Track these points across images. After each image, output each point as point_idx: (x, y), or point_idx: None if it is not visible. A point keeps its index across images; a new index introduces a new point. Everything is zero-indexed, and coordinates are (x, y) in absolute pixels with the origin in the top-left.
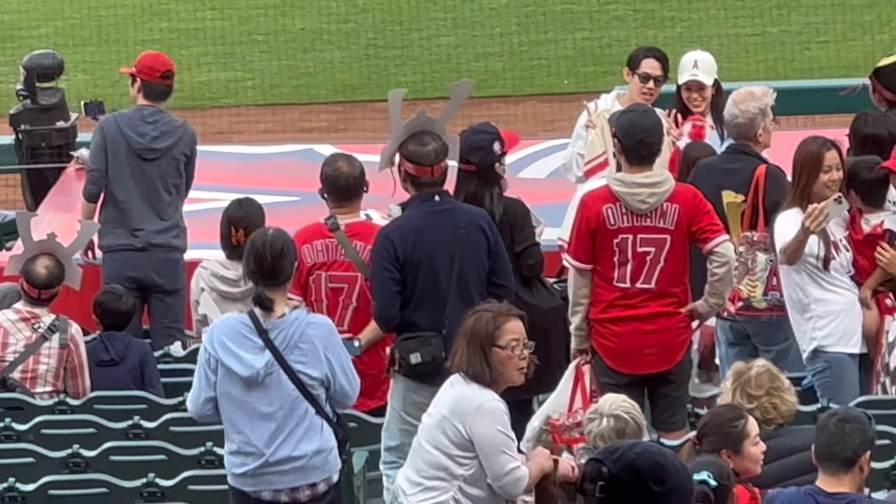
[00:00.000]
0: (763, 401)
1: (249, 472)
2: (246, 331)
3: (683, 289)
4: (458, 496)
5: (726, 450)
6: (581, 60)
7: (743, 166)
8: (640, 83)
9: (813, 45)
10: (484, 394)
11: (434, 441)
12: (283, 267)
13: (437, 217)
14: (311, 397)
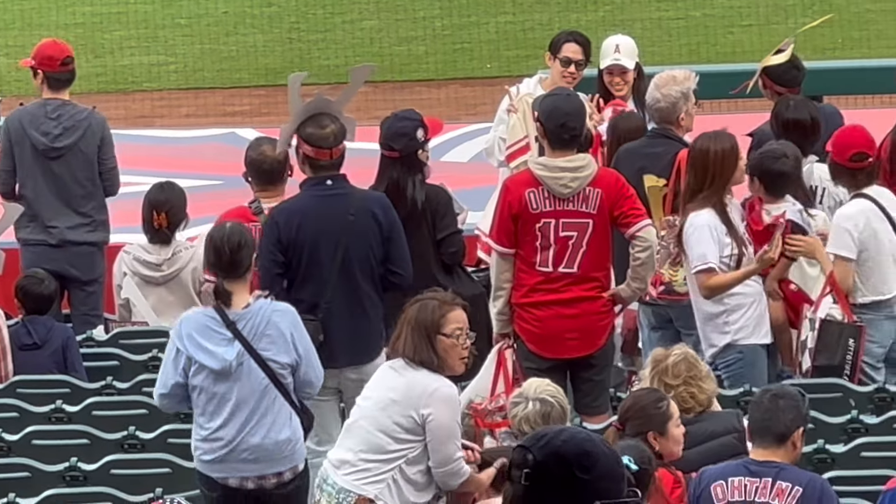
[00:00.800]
0: (680, 390)
1: (217, 458)
2: (213, 324)
3: (606, 273)
4: (396, 477)
5: (652, 432)
6: (504, 44)
7: (665, 150)
8: (562, 67)
9: (736, 28)
10: (438, 379)
11: (378, 424)
12: (241, 259)
13: (326, 201)
14: (280, 385)
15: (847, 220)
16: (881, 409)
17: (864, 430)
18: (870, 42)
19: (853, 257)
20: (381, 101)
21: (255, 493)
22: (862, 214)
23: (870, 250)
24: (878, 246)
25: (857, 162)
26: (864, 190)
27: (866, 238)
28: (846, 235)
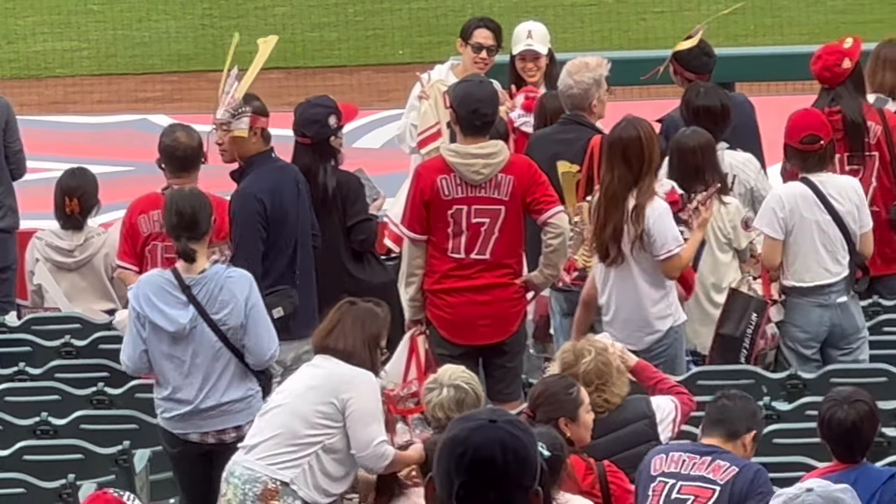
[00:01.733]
0: (593, 397)
1: (178, 416)
2: (169, 287)
3: (518, 260)
4: (312, 463)
5: (564, 418)
6: (416, 30)
7: (577, 136)
8: (473, 53)
9: (649, 14)
10: (361, 369)
11: (295, 410)
12: (203, 218)
13: (283, 173)
14: (234, 348)
15: (775, 200)
16: (793, 395)
17: (776, 417)
18: (782, 29)
19: (776, 237)
20: (293, 87)
21: (216, 447)
22: (791, 197)
23: (794, 234)
24: (803, 232)
25: (807, 145)
26: (812, 175)
27: (791, 222)
28: (771, 214)
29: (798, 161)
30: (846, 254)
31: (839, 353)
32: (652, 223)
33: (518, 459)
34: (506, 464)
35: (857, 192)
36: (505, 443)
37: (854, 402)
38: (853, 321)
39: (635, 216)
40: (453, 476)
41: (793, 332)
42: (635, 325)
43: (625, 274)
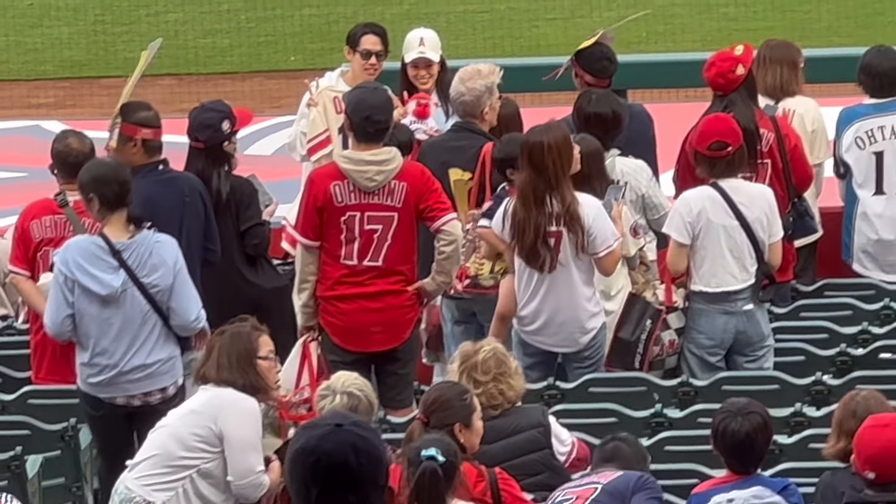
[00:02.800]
0: (489, 386)
1: (104, 381)
2: (100, 252)
3: (411, 267)
4: (186, 487)
5: (459, 424)
6: (308, 37)
7: (469, 144)
8: (362, 60)
9: (541, 21)
10: (241, 394)
11: (174, 432)
12: (125, 192)
13: (165, 186)
14: (160, 312)
15: (683, 205)
16: (685, 402)
17: (667, 425)
18: (674, 36)
19: (683, 241)
20: (185, 93)
21: (141, 409)
22: (699, 202)
23: (701, 239)
24: (710, 237)
25: (715, 151)
26: (721, 181)
27: (699, 227)
28: (678, 218)
29: (706, 167)
30: (754, 261)
31: (744, 361)
32: (592, 221)
33: (371, 460)
34: (360, 466)
35: (769, 201)
36: (356, 445)
37: (748, 413)
38: (759, 329)
39: (569, 219)
40: (310, 485)
41: (698, 339)
42: (572, 326)
43: (562, 277)
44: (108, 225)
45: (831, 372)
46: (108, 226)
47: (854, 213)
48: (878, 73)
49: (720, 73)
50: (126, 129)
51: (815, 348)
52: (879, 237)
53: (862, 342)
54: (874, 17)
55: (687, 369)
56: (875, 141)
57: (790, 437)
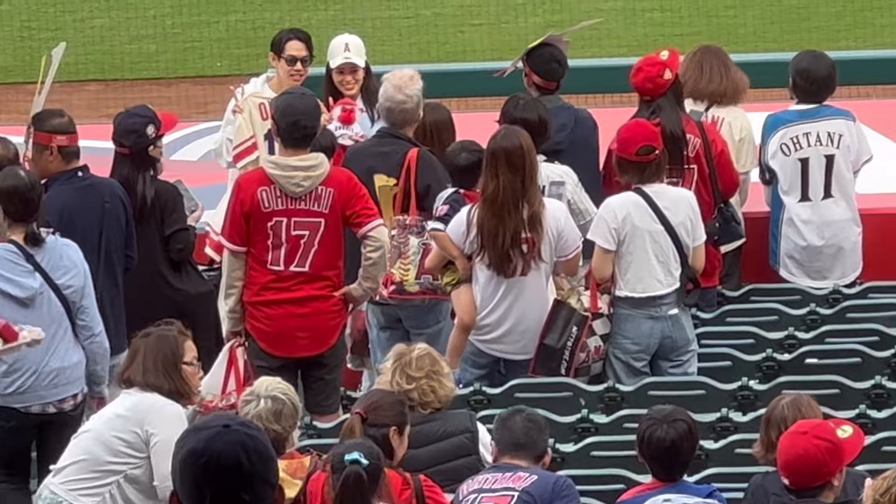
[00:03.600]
0: (422, 383)
1: (20, 389)
2: (14, 257)
3: (337, 272)
4: (113, 492)
5: (396, 427)
6: (234, 42)
7: (394, 150)
8: (288, 66)
9: (466, 27)
10: (167, 399)
11: (100, 437)
12: (34, 199)
13: (84, 192)
14: (70, 315)
15: (607, 211)
16: (611, 408)
17: (593, 430)
18: (601, 41)
19: (609, 247)
20: (111, 99)
21: (54, 416)
22: (623, 207)
23: (626, 244)
24: (635, 242)
25: (643, 156)
26: (646, 186)
27: (624, 232)
28: (603, 225)
29: (635, 173)
30: (678, 266)
31: (670, 366)
32: (563, 223)
33: (262, 458)
34: (252, 464)
35: (692, 205)
36: (246, 445)
37: (673, 420)
38: (684, 333)
39: (534, 224)
40: (203, 487)
41: (623, 344)
42: (534, 332)
43: (530, 283)
44: (15, 234)
45: (757, 377)
46: (15, 235)
47: (780, 220)
48: (814, 79)
49: (648, 77)
50: (39, 138)
51: (742, 353)
52: (806, 243)
53: (788, 347)
54: (799, 23)
55: (613, 375)
56: (800, 148)
57: (716, 443)
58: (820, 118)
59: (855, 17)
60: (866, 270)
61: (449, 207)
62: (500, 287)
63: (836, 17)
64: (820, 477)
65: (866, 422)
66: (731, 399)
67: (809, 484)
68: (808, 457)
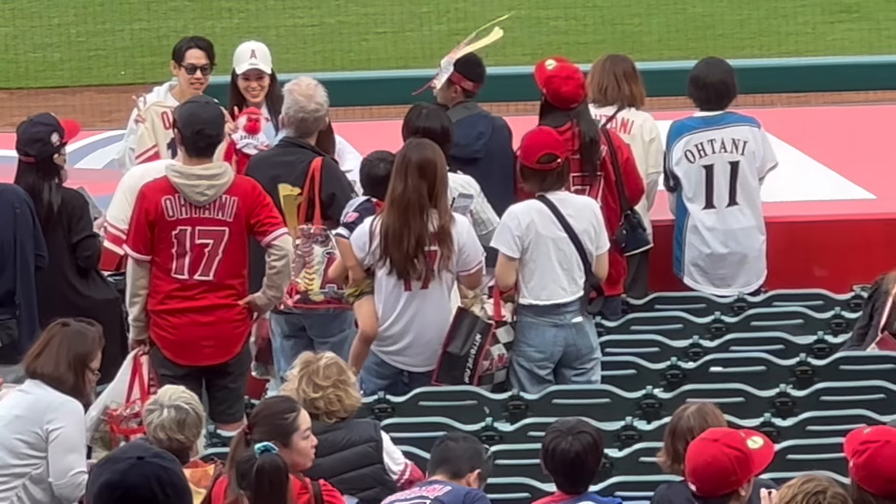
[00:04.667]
0: (329, 392)
1: None
2: None
3: (242, 281)
4: (21, 495)
5: (276, 441)
6: (138, 51)
7: (298, 159)
8: (188, 74)
9: (371, 35)
10: (66, 396)
11: (2, 440)
12: None
13: None
14: None
15: (511, 218)
16: (516, 416)
17: (498, 438)
18: (504, 49)
19: (512, 255)
20: (16, 107)
21: None
22: (527, 215)
23: (530, 252)
24: (539, 249)
25: (546, 164)
26: (549, 193)
27: (528, 240)
28: (507, 232)
29: (537, 181)
30: (582, 273)
31: (573, 374)
32: (466, 239)
33: (177, 491)
34: (167, 497)
35: (595, 213)
36: (161, 477)
37: (578, 433)
38: (588, 341)
39: (443, 237)
40: None
41: (527, 352)
42: (436, 345)
43: (432, 296)
44: None
45: (662, 385)
46: None
47: (685, 227)
48: (707, 86)
49: (580, 84)
50: None
51: (646, 362)
52: (710, 251)
53: (693, 356)
54: (704, 31)
55: (517, 383)
56: (705, 154)
57: (621, 451)
58: (724, 125)
59: (760, 25)
60: (771, 278)
61: (358, 216)
62: (402, 299)
63: (741, 26)
64: (728, 485)
65: (771, 430)
66: (636, 407)
67: (717, 491)
68: (717, 464)
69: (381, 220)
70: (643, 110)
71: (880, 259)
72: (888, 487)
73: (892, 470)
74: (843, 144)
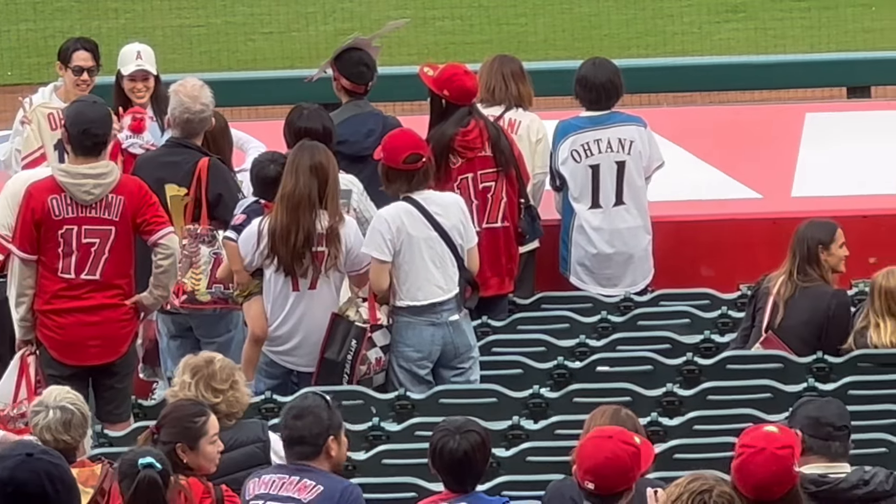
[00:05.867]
0: (228, 395)
1: None
2: None
3: (129, 280)
4: None
5: (182, 444)
6: (24, 52)
7: (184, 159)
8: (74, 76)
9: (257, 35)
10: None
11: None
12: None
13: None
14: None
15: (380, 222)
16: (402, 416)
17: (385, 438)
18: (391, 50)
19: (384, 259)
20: None
21: None
22: (396, 218)
23: (403, 254)
24: (411, 250)
25: (412, 164)
26: (415, 193)
27: (399, 242)
28: (377, 237)
29: (403, 181)
30: (456, 270)
31: (452, 374)
32: (353, 240)
33: (65, 487)
34: (56, 493)
35: (462, 208)
36: (51, 473)
37: (466, 431)
38: (465, 339)
39: (332, 237)
40: None
41: (406, 353)
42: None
43: (319, 297)
44: None
45: (549, 385)
46: None
47: (571, 227)
48: (593, 86)
49: (476, 83)
50: None
51: (533, 361)
52: (597, 251)
53: (579, 355)
54: (590, 31)
55: (397, 384)
56: (591, 154)
57: (508, 450)
58: (610, 124)
59: (646, 24)
60: (657, 278)
61: (245, 217)
62: (289, 300)
63: (627, 25)
64: (626, 481)
65: (658, 429)
66: (523, 407)
67: (615, 488)
68: (617, 460)
69: (269, 218)
70: (530, 111)
71: (766, 258)
72: (757, 494)
73: (761, 478)
74: (730, 144)
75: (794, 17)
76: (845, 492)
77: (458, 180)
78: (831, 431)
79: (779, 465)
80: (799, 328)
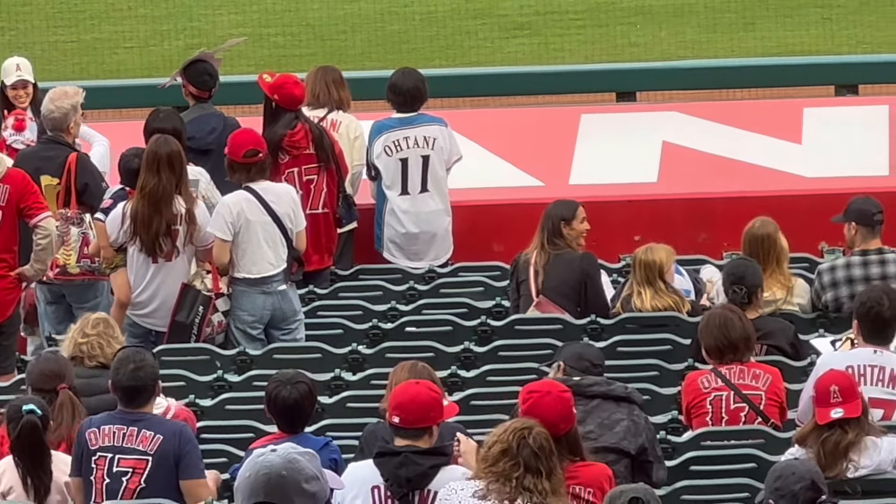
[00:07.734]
0: (93, 339)
1: None
2: None
3: (13, 255)
4: None
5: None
6: None
7: (57, 154)
8: None
9: (120, 49)
10: None
11: None
12: None
13: None
14: None
15: (223, 207)
16: (242, 369)
17: (227, 387)
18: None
19: (226, 238)
20: None
21: None
22: (237, 204)
23: (241, 235)
24: (249, 232)
25: (250, 158)
26: (254, 183)
27: (239, 224)
28: (220, 219)
29: (243, 173)
30: (285, 249)
31: (280, 334)
32: (202, 220)
33: None
34: None
35: (293, 198)
36: None
37: (296, 382)
38: (291, 306)
39: (189, 218)
40: None
41: (241, 316)
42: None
43: (175, 267)
44: None
45: (365, 343)
46: None
47: (384, 210)
48: (402, 92)
49: (304, 92)
50: None
51: (352, 323)
52: (405, 230)
53: (391, 318)
54: (400, 45)
55: (235, 342)
56: (401, 149)
57: (331, 398)
58: (417, 124)
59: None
60: (457, 253)
61: (112, 202)
62: (150, 270)
63: (431, 41)
64: (429, 419)
65: (457, 380)
66: (343, 361)
67: (417, 423)
68: (420, 399)
69: (131, 206)
70: (349, 113)
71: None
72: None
73: (549, 417)
74: (517, 141)
75: (572, 33)
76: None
77: (285, 173)
78: (588, 366)
79: (563, 405)
80: (560, 287)
